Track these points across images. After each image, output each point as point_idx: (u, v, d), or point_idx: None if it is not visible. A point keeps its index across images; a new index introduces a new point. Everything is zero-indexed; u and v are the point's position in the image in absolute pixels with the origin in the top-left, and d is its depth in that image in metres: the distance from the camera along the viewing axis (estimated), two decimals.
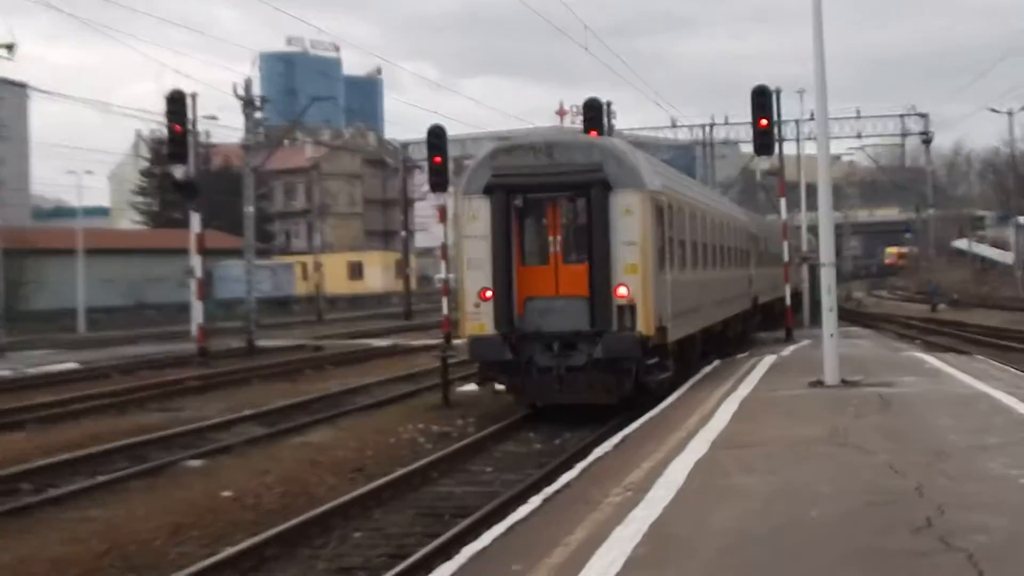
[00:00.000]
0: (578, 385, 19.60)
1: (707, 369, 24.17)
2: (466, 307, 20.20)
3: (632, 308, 19.53)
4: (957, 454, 11.98)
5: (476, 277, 20.06)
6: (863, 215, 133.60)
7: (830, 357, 18.90)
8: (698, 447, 13.13)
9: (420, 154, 57.04)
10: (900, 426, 14.24)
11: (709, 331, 27.43)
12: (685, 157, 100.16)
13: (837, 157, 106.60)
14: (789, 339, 34.31)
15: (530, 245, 20.53)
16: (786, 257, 37.01)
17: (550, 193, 20.16)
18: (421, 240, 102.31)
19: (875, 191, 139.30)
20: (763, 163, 36.47)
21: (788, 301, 36.44)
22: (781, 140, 40.91)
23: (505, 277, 19.82)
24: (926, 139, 65.20)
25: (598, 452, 13.95)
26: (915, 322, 49.06)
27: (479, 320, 20.02)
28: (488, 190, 19.99)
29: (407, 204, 70.18)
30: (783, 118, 55.12)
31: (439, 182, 38.11)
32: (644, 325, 19.58)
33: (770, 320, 40.13)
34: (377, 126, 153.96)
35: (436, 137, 37.73)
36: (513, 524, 10.33)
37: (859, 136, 65.14)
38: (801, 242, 46.12)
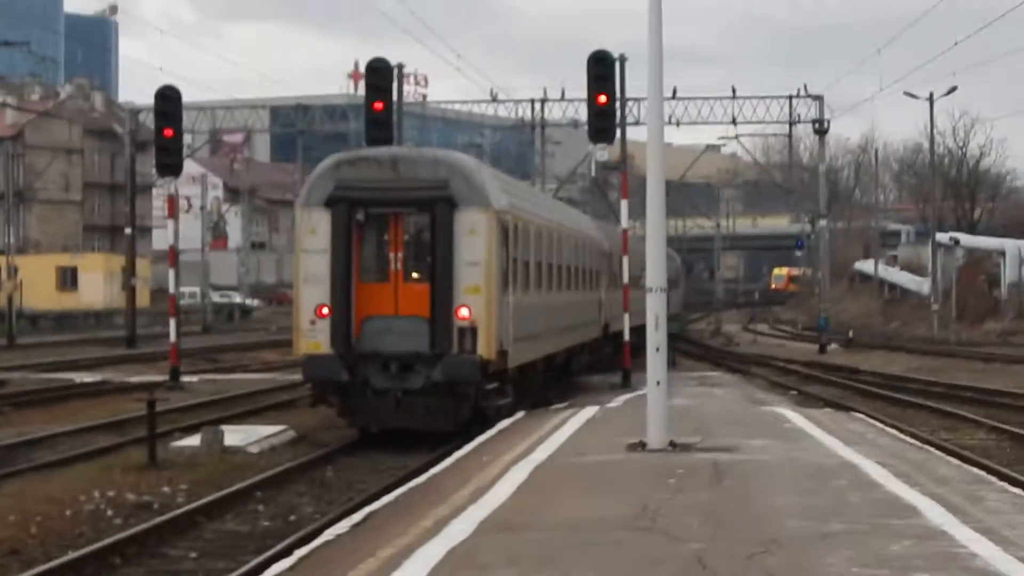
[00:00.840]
0: (415, 409, 24.13)
1: (504, 424, 24.36)
2: (301, 324, 24.89)
3: (473, 330, 24.18)
4: (790, 545, 12.21)
5: (313, 293, 24.73)
6: (744, 225, 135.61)
7: (656, 413, 19.26)
8: (460, 529, 13.16)
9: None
10: (728, 506, 14.47)
11: (552, 359, 31.72)
12: (515, 141, 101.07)
13: (714, 148, 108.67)
14: (626, 385, 34.75)
15: (370, 261, 25.24)
16: (625, 277, 37.31)
17: (394, 208, 24.88)
18: (159, 240, 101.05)
19: (761, 195, 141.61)
20: (605, 153, 36.89)
21: (627, 335, 36.85)
22: (624, 124, 41.41)
23: (343, 294, 24.43)
24: (820, 129, 66.33)
25: (329, 534, 13.89)
26: (796, 367, 50.24)
27: (315, 338, 24.65)
28: (330, 203, 24.59)
29: (135, 191, 69.12)
30: (629, 94, 55.86)
31: (169, 163, 37.45)
32: (485, 348, 24.23)
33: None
34: (107, 84, 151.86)
35: (167, 102, 37.06)
36: None
37: (734, 122, 65.91)
38: None
